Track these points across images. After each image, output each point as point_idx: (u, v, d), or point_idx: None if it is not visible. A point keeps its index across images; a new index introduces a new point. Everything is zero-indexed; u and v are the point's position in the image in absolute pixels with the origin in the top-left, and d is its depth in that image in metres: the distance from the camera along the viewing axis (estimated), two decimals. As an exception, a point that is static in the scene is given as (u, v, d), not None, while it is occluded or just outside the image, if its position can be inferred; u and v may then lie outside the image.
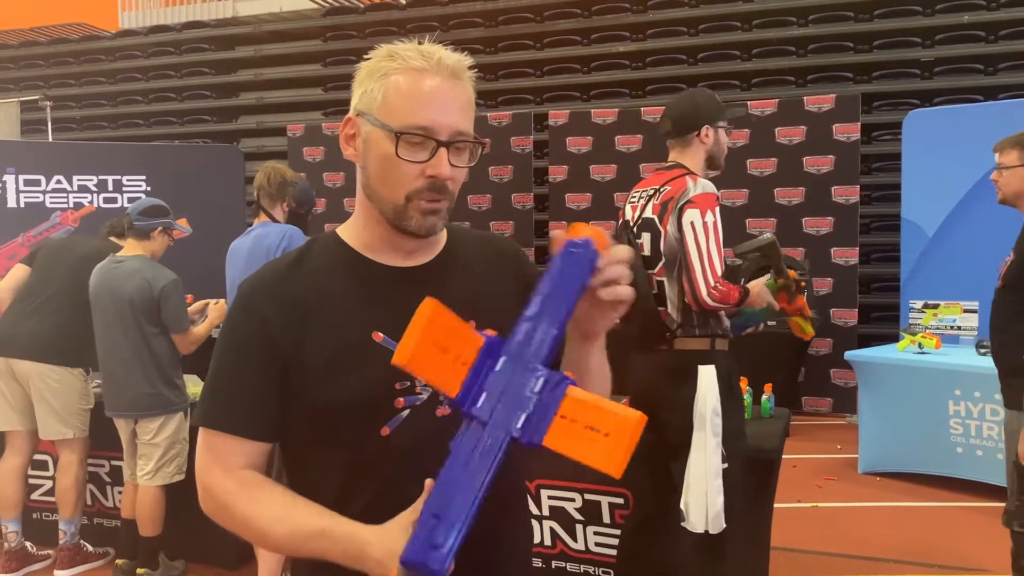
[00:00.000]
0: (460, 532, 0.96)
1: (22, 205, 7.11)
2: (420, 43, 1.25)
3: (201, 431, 1.28)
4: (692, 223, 2.84)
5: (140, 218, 3.77)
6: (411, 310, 1.23)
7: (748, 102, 7.04)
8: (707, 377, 2.86)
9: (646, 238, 2.98)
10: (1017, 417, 2.98)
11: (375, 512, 1.16)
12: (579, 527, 3.40)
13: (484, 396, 1.00)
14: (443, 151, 1.20)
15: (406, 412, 1.22)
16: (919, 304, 5.65)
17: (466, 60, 1.26)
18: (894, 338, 5.92)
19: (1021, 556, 3.04)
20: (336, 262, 1.29)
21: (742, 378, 3.42)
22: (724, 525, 2.85)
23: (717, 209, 2.87)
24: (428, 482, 1.08)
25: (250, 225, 3.89)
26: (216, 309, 4.02)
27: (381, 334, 1.22)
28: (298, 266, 1.29)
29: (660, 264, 2.93)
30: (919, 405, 5.03)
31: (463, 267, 1.34)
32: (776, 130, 6.85)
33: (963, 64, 7.67)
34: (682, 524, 2.86)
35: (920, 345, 5.20)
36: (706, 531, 2.83)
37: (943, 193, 5.96)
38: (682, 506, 2.87)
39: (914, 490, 5.02)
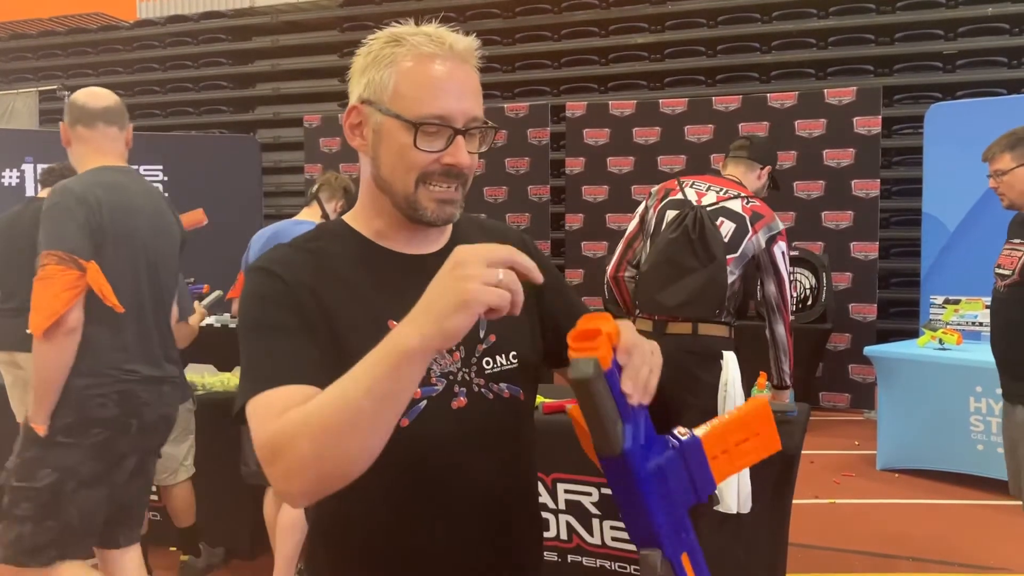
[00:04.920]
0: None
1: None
2: (419, 25, 1.22)
3: (248, 408, 1.09)
4: (783, 253, 3.18)
5: None
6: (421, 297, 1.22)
7: (768, 94, 7.01)
8: (732, 362, 3.02)
9: (728, 225, 3.16)
10: None
11: (397, 500, 1.17)
12: (596, 521, 3.37)
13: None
14: (460, 139, 1.18)
15: (423, 403, 1.20)
16: (940, 300, 5.60)
17: (475, 43, 1.22)
18: (913, 334, 5.86)
19: None
20: (347, 249, 1.25)
21: (761, 372, 3.40)
22: (751, 504, 2.96)
23: None
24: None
25: (267, 215, 3.85)
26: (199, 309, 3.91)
27: (396, 323, 1.19)
28: (310, 252, 1.22)
29: (733, 254, 3.14)
30: (939, 402, 4.98)
31: None
32: (796, 123, 6.79)
33: (986, 57, 7.58)
34: (716, 508, 2.92)
35: (941, 341, 5.15)
36: (737, 512, 2.92)
37: (965, 187, 5.89)
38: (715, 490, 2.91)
39: (933, 487, 4.97)
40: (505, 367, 1.28)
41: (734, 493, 2.92)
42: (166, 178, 7.83)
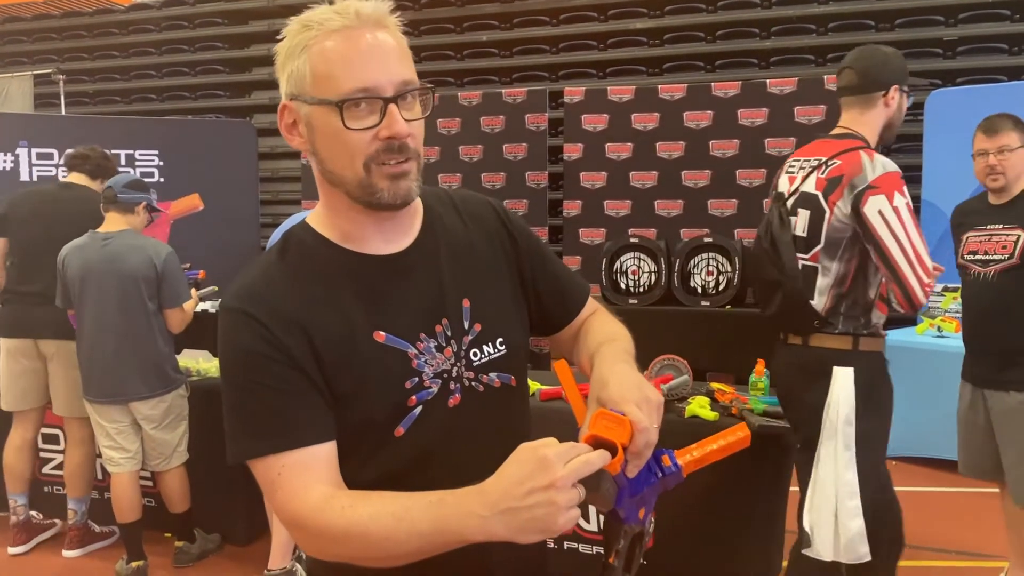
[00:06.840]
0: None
1: (35, 178, 7.11)
2: (331, 2, 1.16)
3: (260, 468, 1.11)
4: (881, 212, 2.44)
5: (125, 191, 3.63)
6: (406, 300, 1.19)
7: (767, 80, 6.96)
8: (843, 380, 2.55)
9: (803, 215, 2.63)
10: None
11: None
12: (592, 508, 3.36)
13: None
14: (393, 107, 1.11)
15: (418, 409, 1.16)
16: (939, 287, 5.57)
17: (385, 4, 1.17)
18: (910, 321, 5.85)
19: None
20: (320, 261, 1.19)
21: (759, 360, 3.37)
22: (868, 556, 2.51)
23: (904, 188, 2.48)
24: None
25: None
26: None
27: (383, 334, 1.14)
28: (283, 275, 1.17)
29: (817, 248, 2.60)
30: (937, 389, 4.96)
31: (448, 245, 1.26)
32: (795, 109, 6.75)
33: (987, 43, 7.53)
34: (804, 551, 2.56)
35: (939, 328, 5.13)
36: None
37: (965, 175, 5.82)
38: (806, 527, 2.57)
39: (930, 475, 4.97)
40: (493, 355, 1.24)
41: (829, 536, 2.51)
42: (162, 163, 7.77)
